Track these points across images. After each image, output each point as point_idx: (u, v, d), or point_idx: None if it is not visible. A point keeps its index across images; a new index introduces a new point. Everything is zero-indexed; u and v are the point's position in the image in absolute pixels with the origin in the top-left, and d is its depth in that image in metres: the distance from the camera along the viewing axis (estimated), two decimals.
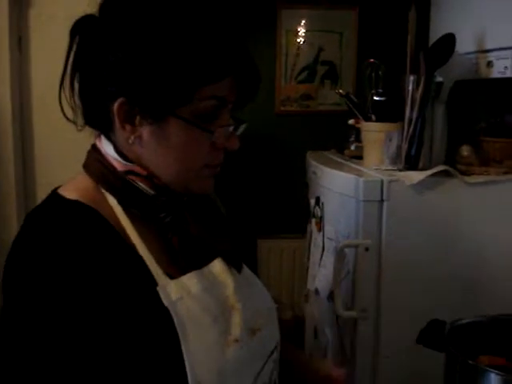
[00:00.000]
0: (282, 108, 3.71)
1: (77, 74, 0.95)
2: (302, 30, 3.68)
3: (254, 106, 3.67)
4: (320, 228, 2.11)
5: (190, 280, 0.96)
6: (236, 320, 0.99)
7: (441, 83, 1.87)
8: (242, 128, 1.03)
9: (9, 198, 2.91)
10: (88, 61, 0.93)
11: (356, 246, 1.80)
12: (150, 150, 0.95)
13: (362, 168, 2.01)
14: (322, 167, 2.13)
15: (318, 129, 3.65)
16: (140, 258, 0.93)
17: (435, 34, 2.21)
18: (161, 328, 0.89)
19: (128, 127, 0.93)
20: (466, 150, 1.93)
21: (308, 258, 2.30)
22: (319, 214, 2.13)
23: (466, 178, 1.81)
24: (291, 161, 3.59)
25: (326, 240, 2.05)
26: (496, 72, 1.86)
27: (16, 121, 2.93)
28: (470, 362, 1.26)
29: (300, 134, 3.68)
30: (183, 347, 0.89)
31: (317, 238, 2.15)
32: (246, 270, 1.16)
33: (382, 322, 1.83)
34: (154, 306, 0.89)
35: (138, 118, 0.92)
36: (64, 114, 0.97)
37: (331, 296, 1.95)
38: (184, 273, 0.97)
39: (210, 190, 1.04)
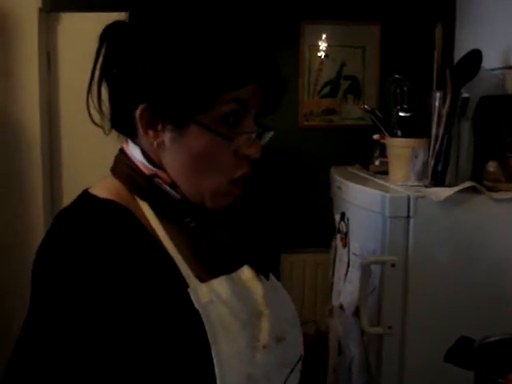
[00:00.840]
0: (306, 122, 3.72)
1: (104, 79, 0.97)
2: (324, 45, 3.69)
3: (278, 120, 3.68)
4: (345, 243, 2.11)
5: (221, 284, 0.96)
6: (264, 326, 1.00)
7: (467, 99, 1.87)
8: (268, 136, 1.03)
9: (36, 207, 2.95)
10: (115, 67, 0.95)
11: (382, 263, 1.80)
12: (172, 156, 0.96)
13: (387, 184, 2.00)
14: (347, 182, 2.13)
15: (342, 143, 3.65)
16: (172, 260, 0.94)
17: (460, 49, 2.22)
18: (191, 330, 0.90)
19: (151, 133, 0.95)
20: (492, 166, 1.92)
21: (333, 274, 2.29)
22: (344, 229, 2.13)
23: (493, 195, 1.80)
24: (314, 175, 3.59)
25: (351, 256, 2.05)
26: None
27: (44, 135, 2.98)
28: (500, 380, 1.25)
29: (323, 149, 3.68)
30: (213, 350, 0.89)
31: (342, 253, 2.15)
32: (272, 278, 1.17)
33: (408, 338, 1.82)
34: (185, 308, 0.90)
35: (160, 123, 0.94)
36: (91, 119, 0.99)
37: (356, 312, 1.95)
38: (214, 277, 0.97)
39: (222, 208, 1.03)
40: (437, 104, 1.84)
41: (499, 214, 1.81)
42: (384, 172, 2.17)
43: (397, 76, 2.26)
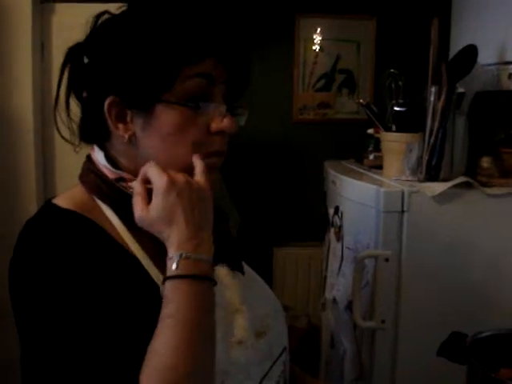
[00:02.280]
0: (300, 116, 3.71)
1: (71, 92, 0.98)
2: (319, 39, 3.68)
3: (272, 114, 3.71)
4: (339, 237, 2.12)
5: None
6: (240, 322, 1.00)
7: (462, 94, 1.88)
8: (244, 115, 1.02)
9: (29, 201, 2.94)
10: (80, 77, 0.97)
11: (376, 257, 1.81)
12: (145, 145, 0.95)
13: (382, 178, 2.01)
14: (341, 177, 2.13)
15: (335, 137, 3.65)
16: (137, 261, 0.94)
17: (456, 45, 2.22)
18: None
19: (121, 126, 0.94)
20: (486, 162, 1.93)
21: (326, 267, 2.30)
22: (338, 223, 2.13)
23: (487, 190, 1.80)
24: (308, 168, 3.60)
25: (344, 249, 2.06)
26: None
27: (38, 127, 2.95)
28: (493, 375, 1.26)
29: (317, 142, 3.68)
30: None
31: (335, 247, 2.16)
32: (253, 274, 1.17)
33: (401, 332, 1.83)
34: (157, 310, 0.88)
35: (128, 114, 0.94)
36: (60, 135, 1.01)
37: (349, 306, 1.96)
38: None
39: (211, 184, 0.99)
40: (432, 99, 1.84)
41: (493, 209, 1.82)
42: (378, 166, 2.18)
43: (392, 70, 2.26)
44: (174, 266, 0.86)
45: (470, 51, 1.84)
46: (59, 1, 2.97)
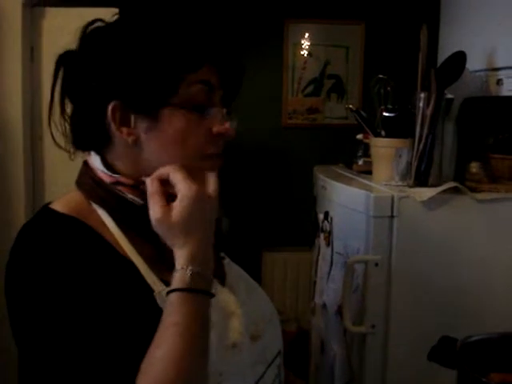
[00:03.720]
0: (289, 121, 3.73)
1: (65, 98, 0.99)
2: (308, 44, 3.70)
3: (262, 119, 3.72)
4: (329, 242, 2.12)
5: None
6: (235, 325, 1.01)
7: (451, 100, 1.89)
8: (235, 120, 1.04)
9: (18, 201, 2.92)
10: (76, 81, 0.97)
11: (366, 262, 1.81)
12: (149, 149, 0.97)
13: (371, 183, 2.02)
14: (331, 182, 2.14)
15: (325, 142, 3.67)
16: (133, 266, 0.95)
17: (444, 51, 2.23)
18: None
19: (125, 130, 0.95)
20: (475, 167, 1.94)
21: (315, 272, 2.30)
22: (328, 228, 2.14)
23: (476, 195, 1.82)
24: (297, 173, 3.60)
25: (334, 254, 2.06)
26: (506, 90, 1.88)
27: (27, 130, 2.94)
28: (483, 379, 1.27)
29: (306, 147, 3.69)
30: None
31: (325, 252, 2.16)
32: (248, 278, 1.19)
33: (391, 337, 1.83)
34: (152, 313, 0.90)
35: (132, 118, 0.95)
36: (55, 143, 1.02)
37: (339, 311, 1.96)
38: None
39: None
40: (421, 105, 1.85)
41: (482, 214, 1.83)
42: (368, 171, 2.18)
43: (381, 76, 2.27)
44: (185, 278, 0.88)
45: (459, 57, 1.85)
46: (49, 5, 2.96)
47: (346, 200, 1.99)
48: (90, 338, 0.83)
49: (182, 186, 0.91)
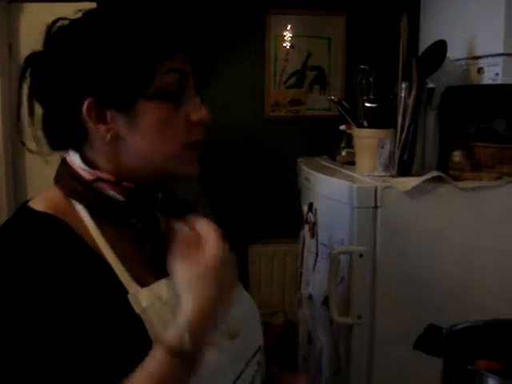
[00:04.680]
0: (272, 113, 3.72)
1: (34, 101, 0.97)
2: (290, 36, 3.69)
3: (244, 111, 3.70)
4: (313, 234, 2.12)
5: (161, 287, 0.96)
6: None
7: (432, 89, 1.89)
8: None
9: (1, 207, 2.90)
10: (45, 82, 0.95)
11: (350, 253, 1.81)
12: (128, 144, 0.96)
13: (354, 174, 2.02)
14: (315, 173, 2.14)
15: (308, 134, 3.66)
16: (109, 267, 0.93)
17: (425, 40, 2.24)
18: (134, 336, 0.89)
19: (102, 127, 0.94)
20: (457, 156, 1.94)
21: (301, 264, 2.31)
22: (312, 219, 2.14)
23: (459, 184, 1.82)
24: (281, 165, 3.60)
25: (319, 246, 2.06)
26: (487, 78, 1.88)
27: (6, 130, 2.92)
28: (469, 367, 1.27)
29: (290, 139, 3.69)
30: None
31: (310, 243, 2.16)
32: None
33: (377, 327, 1.84)
34: (126, 314, 0.89)
35: (108, 114, 0.94)
36: (27, 148, 1.00)
37: (325, 302, 1.96)
38: (157, 279, 0.97)
39: (195, 173, 1.03)
40: (402, 94, 1.85)
41: (465, 202, 1.84)
42: (351, 162, 2.18)
43: (362, 66, 2.27)
44: (177, 338, 0.87)
45: (440, 46, 1.85)
46: (27, 0, 2.93)
47: (329, 191, 1.99)
48: (56, 342, 0.82)
49: (213, 246, 0.94)
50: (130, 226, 1.00)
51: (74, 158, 0.99)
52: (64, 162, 1.01)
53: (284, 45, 3.69)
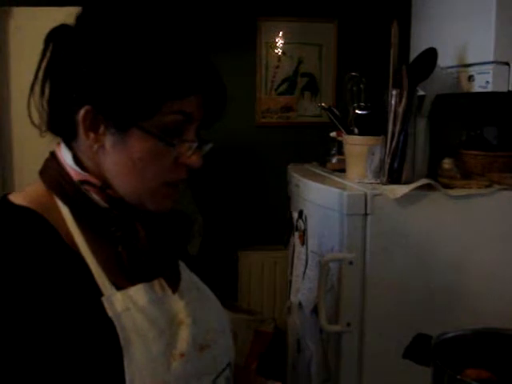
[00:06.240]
0: (263, 120, 3.71)
1: (48, 80, 0.96)
2: (281, 42, 3.69)
3: (235, 118, 3.69)
4: (303, 241, 2.11)
5: (138, 292, 0.95)
6: (183, 334, 0.99)
7: (422, 97, 1.89)
8: (207, 147, 1.04)
9: None
10: (60, 68, 0.94)
11: (340, 260, 1.81)
12: (112, 160, 0.95)
13: (345, 181, 2.01)
14: (305, 180, 2.13)
15: (298, 140, 3.66)
16: (86, 267, 0.92)
17: (416, 47, 2.24)
18: (104, 339, 0.88)
19: (92, 135, 0.94)
20: (447, 163, 1.95)
21: (291, 271, 2.30)
22: (302, 227, 2.13)
23: (449, 191, 1.82)
24: (271, 172, 3.59)
25: (309, 253, 2.05)
26: (477, 86, 1.88)
27: None
28: (458, 376, 1.27)
29: (280, 146, 3.68)
30: (125, 359, 0.88)
31: (300, 251, 2.15)
32: (202, 285, 1.17)
33: (367, 335, 1.83)
34: (98, 317, 0.88)
35: (102, 127, 0.93)
36: (31, 119, 0.98)
37: (315, 309, 1.95)
38: (133, 284, 0.96)
39: (166, 210, 1.03)
40: (393, 102, 1.85)
41: (455, 210, 1.83)
42: (341, 170, 2.18)
43: (353, 74, 2.27)
44: None
45: (430, 54, 1.85)
46: (16, 4, 2.91)
47: (319, 198, 1.98)
48: (29, 340, 0.82)
49: None
50: (109, 233, 0.98)
51: (66, 156, 0.98)
52: (53, 157, 1.00)
53: (275, 51, 3.69)
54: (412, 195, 1.78)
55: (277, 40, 3.68)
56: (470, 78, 1.92)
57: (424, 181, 1.82)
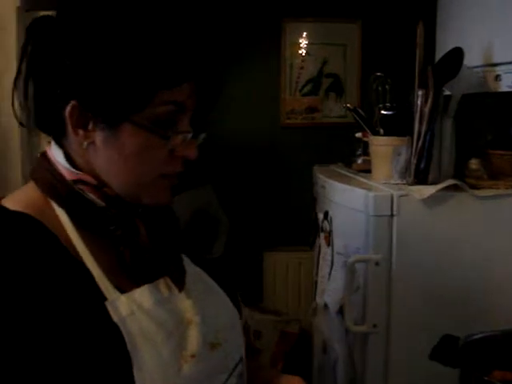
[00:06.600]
0: (287, 121, 3.71)
1: (31, 75, 0.91)
2: (306, 43, 3.69)
3: (260, 118, 3.71)
4: (329, 242, 2.11)
5: (143, 294, 0.92)
6: (193, 334, 0.95)
7: (449, 97, 1.88)
8: (201, 137, 0.98)
9: None
10: (43, 62, 0.89)
11: (366, 261, 1.80)
12: (103, 157, 0.91)
13: (370, 182, 2.01)
14: (330, 181, 2.13)
15: (323, 141, 3.65)
16: (87, 271, 0.88)
17: (442, 47, 2.22)
18: (111, 345, 0.85)
19: (81, 132, 0.89)
20: (474, 164, 1.93)
21: (316, 272, 2.29)
22: (328, 228, 2.13)
23: (476, 192, 1.81)
24: (296, 173, 3.59)
25: (335, 254, 2.05)
26: (504, 86, 1.87)
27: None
28: (485, 378, 1.26)
29: (305, 146, 3.68)
30: (135, 365, 0.85)
31: (326, 252, 2.15)
32: (209, 280, 1.13)
33: (393, 336, 1.83)
34: (103, 323, 0.85)
35: (90, 122, 0.88)
36: (16, 117, 0.94)
37: (341, 310, 1.95)
38: (137, 286, 0.92)
39: (164, 203, 0.98)
40: (419, 102, 1.84)
41: (482, 211, 1.82)
42: (367, 170, 2.17)
43: (378, 74, 2.26)
44: None
45: (456, 54, 1.84)
46: (43, 9, 2.94)
47: (345, 199, 1.98)
48: (33, 349, 0.79)
49: None
50: (109, 233, 0.94)
51: (57, 155, 0.94)
52: (44, 157, 0.96)
53: (300, 52, 3.69)
54: (438, 196, 1.78)
55: (301, 41, 3.68)
56: (497, 78, 1.90)
57: (450, 181, 1.81)
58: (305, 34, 3.68)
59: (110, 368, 0.84)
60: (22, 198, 0.92)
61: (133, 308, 0.89)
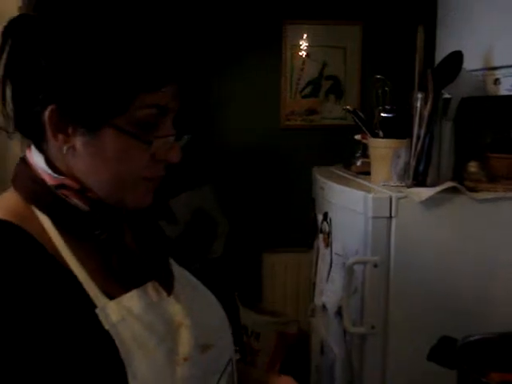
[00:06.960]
0: (287, 122, 3.72)
1: (8, 78, 0.88)
2: (306, 45, 3.69)
3: (260, 120, 3.71)
4: (328, 243, 2.12)
5: (132, 299, 0.90)
6: (185, 337, 0.95)
7: (448, 100, 1.89)
8: (184, 140, 0.96)
9: None
10: (20, 64, 0.86)
11: (365, 263, 1.81)
12: (84, 161, 0.88)
13: (369, 184, 2.02)
14: (329, 183, 2.14)
15: (323, 143, 3.66)
16: (75, 279, 0.86)
17: (441, 51, 2.23)
18: (104, 354, 0.84)
19: (60, 137, 0.87)
20: (473, 167, 1.94)
21: (315, 273, 2.30)
22: (327, 229, 2.13)
23: (474, 195, 1.81)
24: (296, 175, 3.59)
25: (333, 256, 2.06)
26: (503, 89, 1.88)
27: None
28: (483, 379, 1.26)
29: (305, 148, 3.68)
30: (128, 372, 0.84)
31: (324, 253, 2.16)
32: (197, 283, 1.12)
33: (391, 338, 1.83)
34: (95, 330, 0.84)
35: (70, 127, 0.86)
36: None
37: (339, 312, 1.96)
38: (126, 291, 0.91)
39: (146, 205, 0.96)
40: (418, 105, 1.85)
41: (480, 213, 1.83)
42: (366, 172, 2.18)
43: (378, 76, 2.27)
44: None
45: (456, 57, 1.85)
46: None
47: (344, 201, 1.99)
48: (23, 362, 0.77)
49: None
50: (94, 237, 0.93)
51: (37, 159, 0.91)
52: (23, 162, 0.94)
53: (300, 54, 3.70)
54: (437, 198, 1.78)
55: (301, 43, 3.69)
56: (496, 81, 1.91)
57: (449, 184, 1.81)
58: (305, 36, 3.68)
59: (104, 379, 0.83)
60: (2, 205, 0.90)
61: (123, 314, 0.88)
